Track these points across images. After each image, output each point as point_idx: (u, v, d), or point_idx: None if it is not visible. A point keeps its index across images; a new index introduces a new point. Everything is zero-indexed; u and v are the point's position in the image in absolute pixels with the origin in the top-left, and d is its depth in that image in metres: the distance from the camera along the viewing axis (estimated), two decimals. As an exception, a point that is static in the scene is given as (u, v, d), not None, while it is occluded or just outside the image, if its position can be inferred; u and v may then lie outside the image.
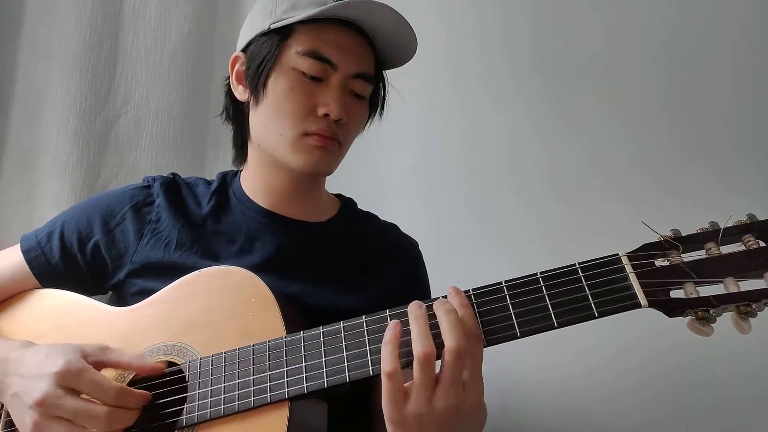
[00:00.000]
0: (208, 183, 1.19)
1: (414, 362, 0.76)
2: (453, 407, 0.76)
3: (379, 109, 1.19)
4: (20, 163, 1.47)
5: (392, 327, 0.81)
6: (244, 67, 1.10)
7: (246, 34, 1.11)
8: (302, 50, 1.02)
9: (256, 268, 1.02)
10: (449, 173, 1.71)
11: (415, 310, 0.81)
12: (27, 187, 1.47)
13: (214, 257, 1.07)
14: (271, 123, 1.05)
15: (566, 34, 1.59)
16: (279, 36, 1.04)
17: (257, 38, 1.08)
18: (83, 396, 0.86)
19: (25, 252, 1.10)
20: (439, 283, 0.84)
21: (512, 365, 1.46)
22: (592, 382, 1.38)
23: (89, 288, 1.11)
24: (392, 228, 1.26)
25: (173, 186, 1.16)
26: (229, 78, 1.14)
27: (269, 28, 1.05)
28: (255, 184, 1.14)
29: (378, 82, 1.15)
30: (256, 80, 1.06)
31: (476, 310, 0.81)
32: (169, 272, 1.03)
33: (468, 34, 1.76)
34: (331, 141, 1.04)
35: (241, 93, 1.12)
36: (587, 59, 1.55)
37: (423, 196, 1.72)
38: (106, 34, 1.55)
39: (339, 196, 1.27)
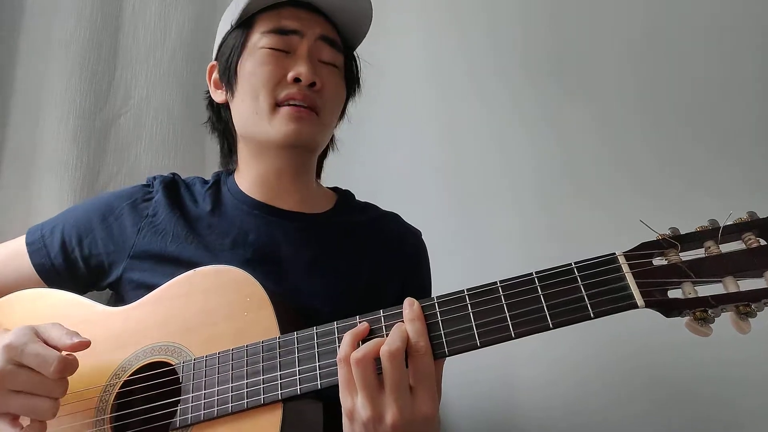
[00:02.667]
0: (205, 182, 1.21)
1: None
2: (401, 416, 0.75)
3: (356, 85, 1.23)
4: (20, 162, 1.47)
5: (360, 326, 0.83)
6: (218, 73, 1.17)
7: (217, 42, 1.19)
8: (266, 29, 1.10)
9: (249, 262, 1.03)
10: (437, 173, 1.70)
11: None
12: (27, 186, 1.47)
13: (209, 250, 1.07)
14: (247, 103, 1.09)
15: (555, 32, 1.58)
16: (242, 29, 1.12)
17: (224, 39, 1.16)
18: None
19: (29, 244, 1.13)
20: (455, 277, 0.83)
21: (515, 371, 1.45)
22: (594, 386, 1.36)
23: (87, 284, 1.13)
24: (393, 217, 1.25)
25: (172, 184, 1.18)
26: (208, 90, 1.21)
27: (232, 26, 1.14)
28: (248, 178, 1.16)
29: (349, 58, 1.20)
30: (228, 72, 1.12)
31: (471, 310, 0.80)
32: (166, 264, 1.05)
33: (456, 33, 1.77)
34: (306, 111, 1.07)
35: (219, 95, 1.17)
36: (576, 58, 1.53)
37: (411, 196, 1.69)
38: (106, 34, 1.56)
39: (336, 189, 1.27)
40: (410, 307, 0.81)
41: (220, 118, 1.22)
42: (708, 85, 1.37)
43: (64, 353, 0.85)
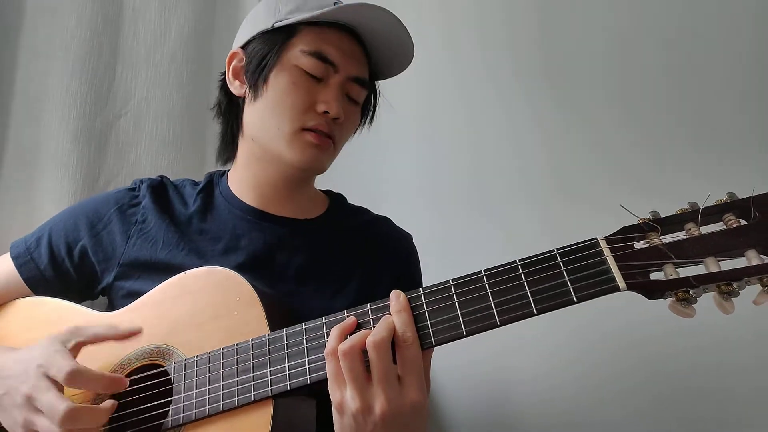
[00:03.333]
0: (195, 184, 1.20)
1: None
2: (390, 405, 0.75)
3: (369, 118, 1.23)
4: (20, 163, 1.48)
5: (348, 319, 0.84)
6: (242, 64, 1.12)
7: (246, 31, 1.13)
8: (307, 50, 1.05)
9: (241, 267, 1.02)
10: (452, 172, 1.71)
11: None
12: (27, 187, 1.48)
13: (200, 256, 1.07)
14: (270, 116, 1.06)
15: (570, 33, 1.58)
16: (283, 34, 1.07)
17: (259, 36, 1.10)
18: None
19: (14, 258, 1.11)
20: (446, 278, 0.84)
21: (511, 364, 1.45)
22: (589, 379, 1.36)
23: (79, 292, 1.12)
24: (384, 220, 1.25)
25: (160, 187, 1.17)
26: (225, 74, 1.16)
27: (273, 26, 1.08)
28: (243, 181, 1.14)
29: (371, 91, 1.18)
30: (257, 75, 1.08)
31: (456, 300, 0.80)
32: (157, 272, 1.04)
33: (444, 37, 1.78)
34: (327, 140, 1.06)
35: (237, 88, 1.13)
36: (590, 58, 1.54)
37: (425, 196, 1.72)
38: (106, 34, 1.56)
39: (328, 192, 1.27)
40: (396, 298, 0.82)
41: (230, 106, 1.18)
42: (686, 78, 1.39)
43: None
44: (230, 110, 1.18)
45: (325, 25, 1.07)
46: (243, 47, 1.13)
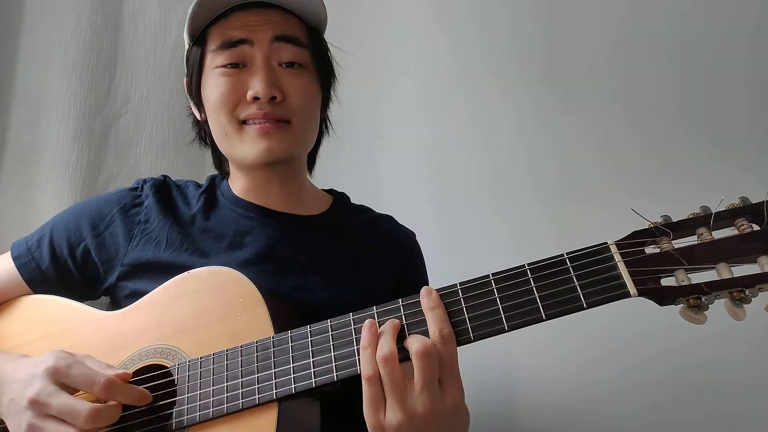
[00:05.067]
0: (198, 185, 1.19)
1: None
2: (432, 411, 0.74)
3: (331, 74, 1.15)
4: (20, 163, 1.47)
5: (368, 327, 0.80)
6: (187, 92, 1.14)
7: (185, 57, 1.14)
8: (215, 46, 1.04)
9: (246, 264, 1.02)
10: (460, 173, 1.70)
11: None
12: (27, 187, 1.47)
13: (204, 255, 1.06)
14: (215, 125, 1.06)
15: (579, 33, 1.58)
16: (198, 47, 1.07)
17: (186, 56, 1.11)
18: (78, 394, 0.86)
19: (15, 258, 1.10)
20: (451, 279, 0.83)
21: (515, 364, 1.45)
22: (594, 379, 1.36)
23: (82, 293, 1.11)
24: (387, 219, 1.24)
25: (163, 187, 1.15)
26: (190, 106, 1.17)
27: (188, 45, 1.10)
28: (240, 185, 1.14)
29: (315, 44, 1.10)
30: (191, 92, 1.10)
31: (464, 305, 0.80)
32: (160, 272, 1.02)
33: (448, 36, 1.77)
34: (273, 125, 1.02)
35: (197, 113, 1.14)
36: (600, 59, 1.53)
37: (432, 196, 1.71)
38: (106, 34, 1.56)
39: (331, 191, 1.26)
40: (428, 295, 0.81)
41: (204, 133, 1.18)
42: (696, 81, 1.37)
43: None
44: (206, 138, 1.19)
45: (223, 16, 1.04)
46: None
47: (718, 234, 0.71)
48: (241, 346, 0.89)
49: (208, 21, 1.05)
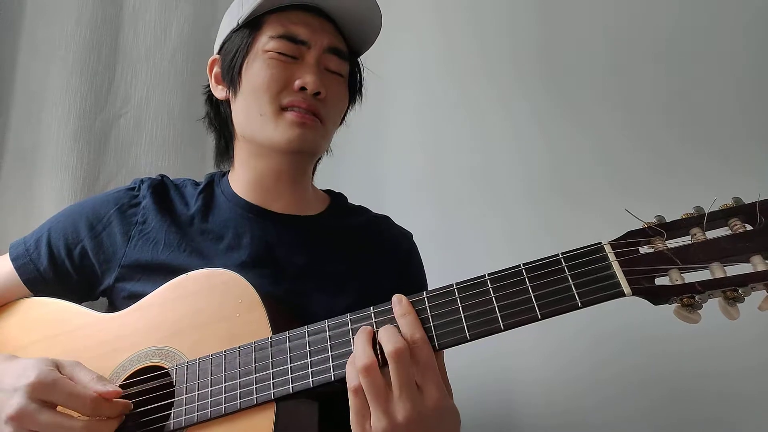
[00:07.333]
0: (197, 184, 1.19)
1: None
2: (413, 413, 0.74)
3: (358, 93, 1.22)
4: (20, 163, 1.48)
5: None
6: (221, 68, 1.14)
7: (220, 37, 1.16)
8: (275, 34, 1.07)
9: (244, 265, 1.02)
10: (455, 173, 1.71)
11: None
12: (27, 187, 1.48)
13: (203, 256, 1.06)
14: (251, 105, 1.07)
15: (573, 34, 1.58)
16: (249, 28, 1.10)
17: (229, 36, 1.13)
18: (60, 409, 0.85)
19: (13, 259, 1.10)
20: (447, 279, 0.83)
21: (513, 365, 1.45)
22: (594, 382, 1.36)
23: (80, 294, 1.11)
24: (384, 219, 1.25)
25: (161, 187, 1.15)
26: (209, 84, 1.18)
27: (238, 24, 1.10)
28: (243, 180, 1.14)
29: (353, 65, 1.18)
30: (231, 71, 1.10)
31: (460, 304, 0.80)
32: (158, 273, 1.02)
33: (444, 37, 1.78)
34: (311, 117, 1.06)
35: (220, 92, 1.15)
36: (594, 60, 1.54)
37: (428, 196, 1.72)
38: (106, 34, 1.57)
39: (329, 191, 1.27)
40: (399, 302, 0.81)
41: (218, 114, 1.19)
42: (689, 82, 1.38)
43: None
44: (218, 119, 1.20)
45: (289, 9, 1.08)
46: (219, 52, 1.15)
47: (712, 234, 0.72)
48: (239, 347, 0.89)
49: (271, 8, 1.08)
